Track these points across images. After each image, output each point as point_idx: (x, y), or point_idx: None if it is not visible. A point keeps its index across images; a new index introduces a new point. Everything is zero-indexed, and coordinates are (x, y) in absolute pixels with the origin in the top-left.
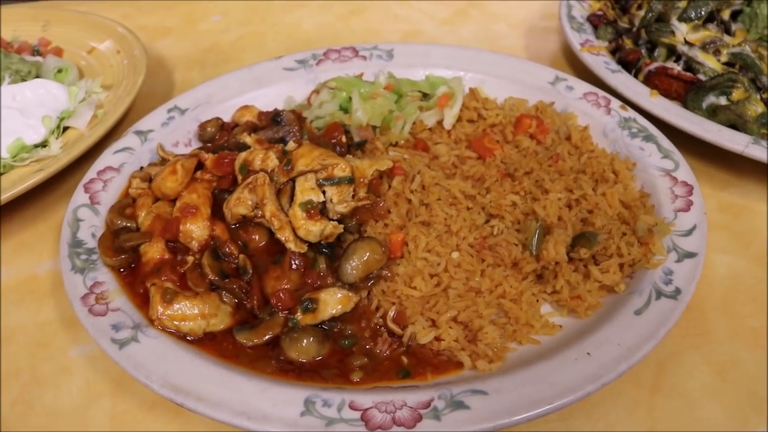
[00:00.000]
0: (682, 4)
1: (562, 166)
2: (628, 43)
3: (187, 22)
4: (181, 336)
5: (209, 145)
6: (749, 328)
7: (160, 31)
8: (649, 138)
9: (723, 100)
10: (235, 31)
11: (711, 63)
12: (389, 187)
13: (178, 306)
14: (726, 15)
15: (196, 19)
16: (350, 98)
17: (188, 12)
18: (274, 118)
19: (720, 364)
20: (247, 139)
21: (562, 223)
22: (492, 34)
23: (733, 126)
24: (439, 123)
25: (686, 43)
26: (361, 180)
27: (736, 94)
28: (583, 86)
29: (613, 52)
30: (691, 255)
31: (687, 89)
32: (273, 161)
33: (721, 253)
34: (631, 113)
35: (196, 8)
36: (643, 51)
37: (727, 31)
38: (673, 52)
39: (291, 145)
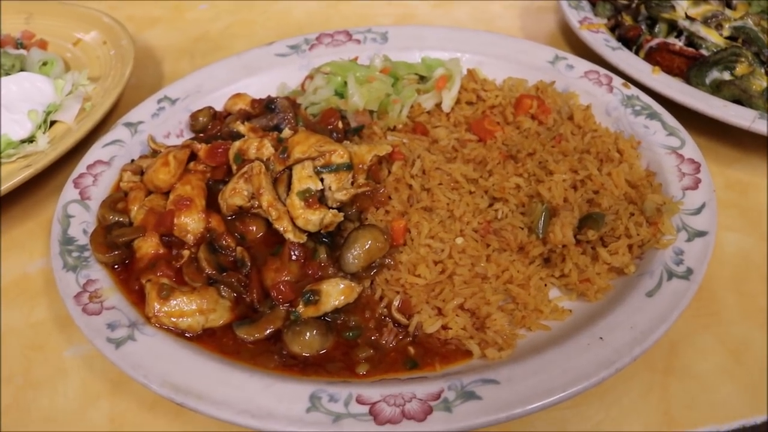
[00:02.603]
0: None
1: (565, 147)
2: (627, 20)
3: (175, 11)
4: (179, 333)
5: (202, 135)
6: (760, 308)
7: (147, 21)
8: (653, 115)
9: (727, 75)
10: (224, 19)
11: (713, 37)
12: (389, 172)
13: (174, 302)
14: None
15: (183, 8)
16: (345, 83)
17: (175, 1)
18: (267, 105)
19: (733, 344)
20: (241, 127)
21: (568, 205)
22: (486, 15)
23: (738, 101)
24: (438, 106)
25: (687, 17)
26: (360, 166)
27: (740, 69)
28: (583, 65)
29: (612, 30)
30: (701, 234)
31: (689, 65)
32: (268, 149)
33: (730, 230)
34: (634, 91)
35: None
36: (644, 27)
37: (729, 5)
38: (674, 28)
39: (287, 132)
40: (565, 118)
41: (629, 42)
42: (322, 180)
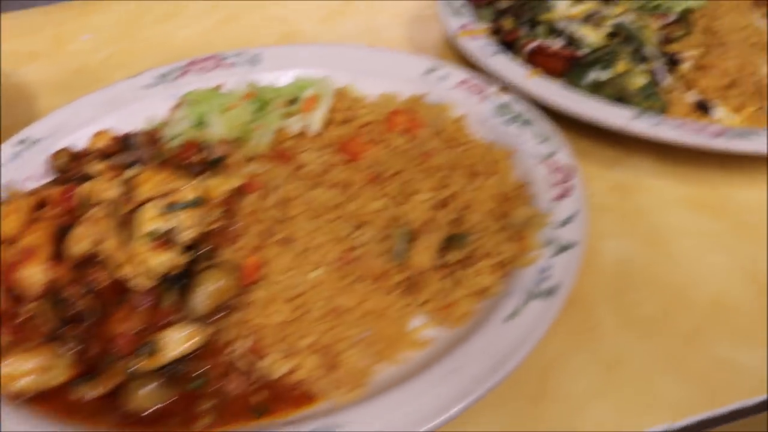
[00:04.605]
0: None
1: (433, 163)
2: (508, 23)
3: (56, 43)
4: (12, 396)
5: (61, 177)
6: (640, 317)
7: (25, 56)
8: (526, 122)
9: (606, 75)
10: (105, 49)
11: (591, 36)
12: (245, 205)
13: (7, 363)
14: None
15: (65, 39)
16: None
17: (57, 33)
18: (124, 141)
19: (608, 360)
20: (98, 167)
21: (432, 225)
22: (373, 27)
23: (621, 99)
24: (308, 128)
25: (567, 17)
26: (213, 201)
27: (619, 67)
28: (458, 74)
29: (496, 34)
30: (569, 246)
31: (569, 66)
32: (115, 190)
33: (609, 237)
34: (509, 98)
35: (66, 28)
36: (525, 30)
37: (612, 2)
38: (555, 29)
39: (133, 170)
40: (437, 132)
41: (511, 46)
42: (171, 219)
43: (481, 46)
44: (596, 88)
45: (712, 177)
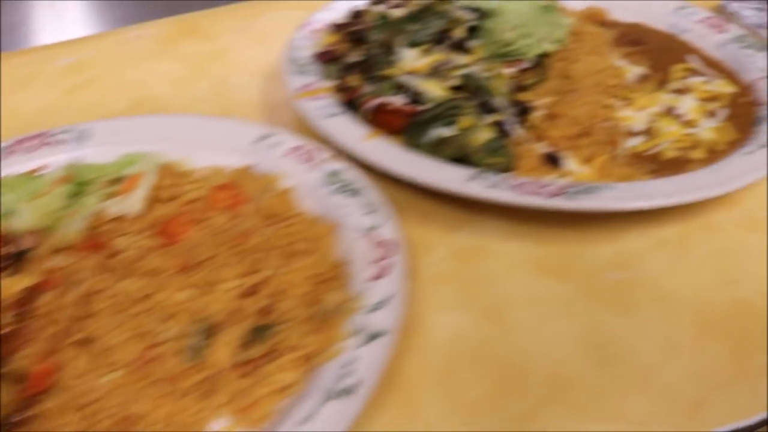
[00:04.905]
0: (415, 27)
1: (250, 244)
2: (354, 80)
3: None
4: None
5: None
6: (471, 400)
7: None
8: (354, 192)
9: (449, 131)
10: None
11: (434, 91)
12: (41, 304)
13: None
14: (461, 33)
15: None
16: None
17: None
18: None
19: None
20: None
21: (236, 317)
22: (228, 87)
23: (465, 157)
24: (128, 210)
25: (409, 72)
26: (5, 303)
27: (463, 122)
28: (291, 140)
29: (342, 92)
30: (378, 335)
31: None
32: None
33: (444, 312)
34: (340, 165)
35: None
36: (371, 86)
37: (463, 49)
38: (399, 84)
39: None
40: (260, 207)
41: (355, 105)
42: None
43: (320, 107)
44: (437, 147)
45: (562, 235)
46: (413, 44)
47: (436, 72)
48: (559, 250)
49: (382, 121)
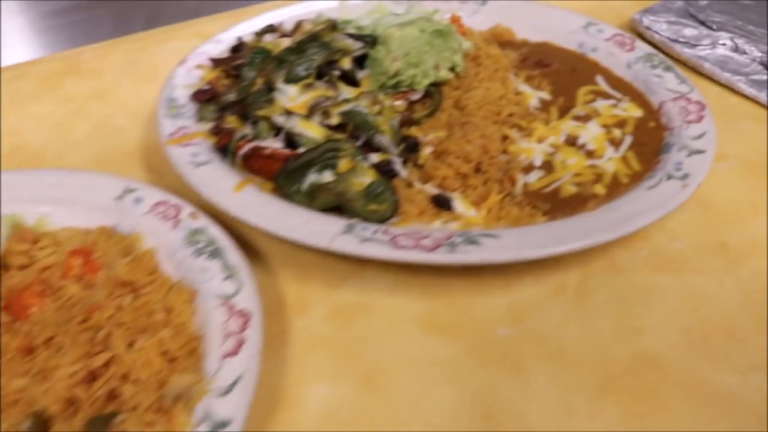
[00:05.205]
0: (296, 59)
1: (99, 318)
2: (231, 122)
3: None
4: None
5: None
6: None
7: None
8: (214, 253)
9: (327, 176)
10: None
11: (311, 132)
12: None
13: None
14: (347, 64)
15: None
16: None
17: None
18: None
19: None
20: None
21: (73, 408)
22: (108, 131)
23: (343, 206)
24: None
25: (286, 111)
26: None
27: (342, 165)
28: (155, 195)
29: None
30: (224, 425)
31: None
32: None
33: (318, 382)
34: (203, 222)
35: None
36: (249, 128)
37: (353, 83)
38: (275, 126)
39: None
40: (115, 275)
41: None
42: None
43: (191, 153)
44: (313, 195)
45: (450, 286)
46: (293, 79)
47: (316, 109)
48: (448, 304)
49: (256, 167)
